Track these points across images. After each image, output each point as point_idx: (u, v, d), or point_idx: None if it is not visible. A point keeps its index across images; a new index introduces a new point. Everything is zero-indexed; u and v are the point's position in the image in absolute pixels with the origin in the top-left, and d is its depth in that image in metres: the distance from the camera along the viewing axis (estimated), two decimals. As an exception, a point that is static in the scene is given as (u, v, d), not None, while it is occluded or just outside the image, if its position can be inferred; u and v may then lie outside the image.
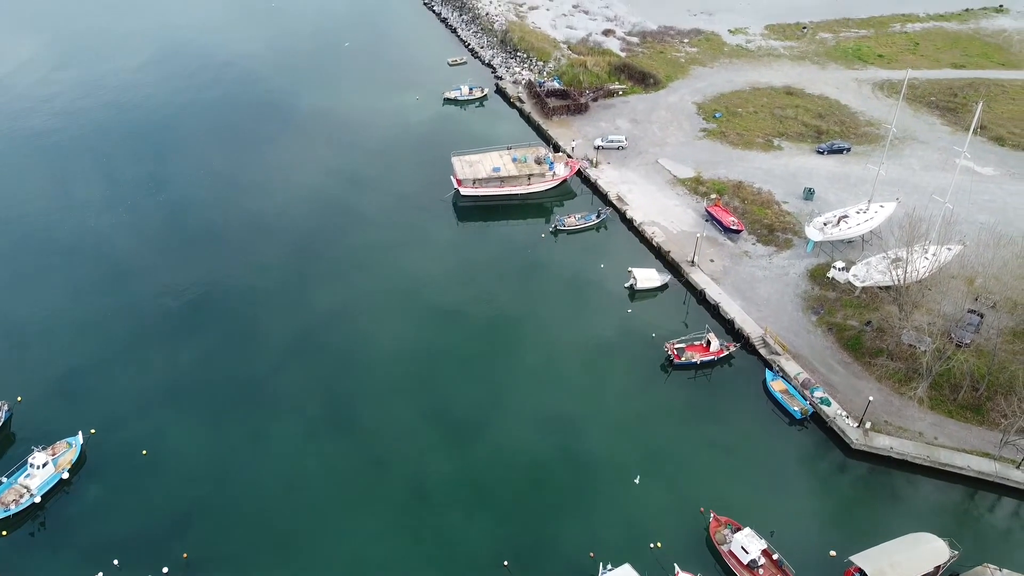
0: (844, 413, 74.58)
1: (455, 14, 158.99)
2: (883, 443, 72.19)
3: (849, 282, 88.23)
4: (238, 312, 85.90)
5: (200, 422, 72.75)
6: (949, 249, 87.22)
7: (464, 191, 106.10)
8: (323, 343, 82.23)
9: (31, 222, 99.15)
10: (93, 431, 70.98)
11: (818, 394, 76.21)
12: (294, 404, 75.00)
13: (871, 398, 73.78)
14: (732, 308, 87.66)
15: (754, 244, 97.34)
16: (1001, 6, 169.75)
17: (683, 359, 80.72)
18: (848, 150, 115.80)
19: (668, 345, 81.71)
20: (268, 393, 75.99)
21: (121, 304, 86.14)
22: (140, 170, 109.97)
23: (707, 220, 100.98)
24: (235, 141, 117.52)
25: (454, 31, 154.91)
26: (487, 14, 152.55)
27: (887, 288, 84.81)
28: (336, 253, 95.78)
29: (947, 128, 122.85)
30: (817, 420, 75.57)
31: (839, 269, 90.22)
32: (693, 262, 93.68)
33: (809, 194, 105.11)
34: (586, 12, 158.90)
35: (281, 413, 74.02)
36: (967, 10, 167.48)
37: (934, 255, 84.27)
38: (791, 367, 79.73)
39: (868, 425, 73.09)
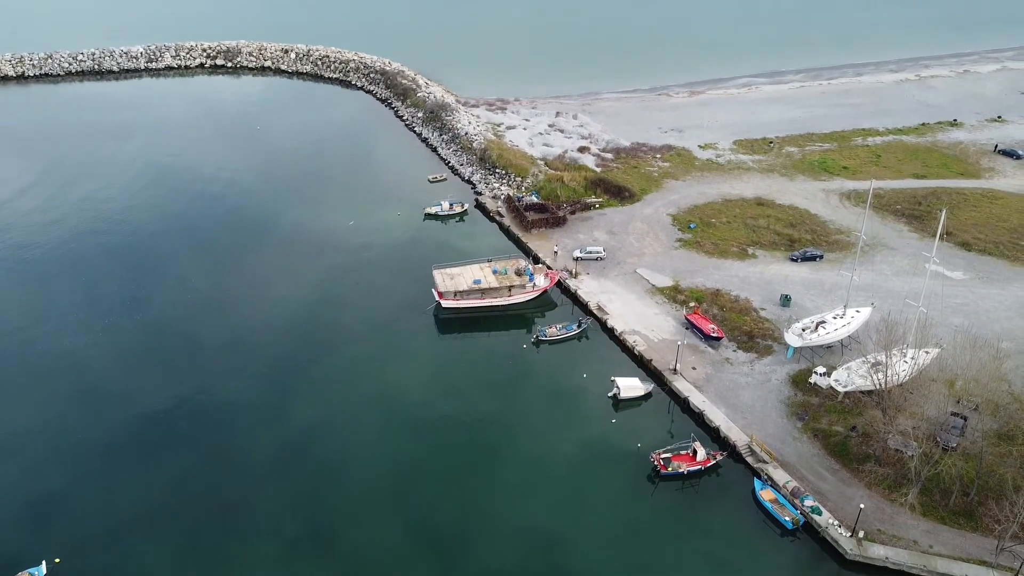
0: (836, 522, 73.02)
1: (435, 134, 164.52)
2: (878, 553, 70.40)
3: (831, 387, 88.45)
4: (215, 432, 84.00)
5: (173, 549, 69.70)
6: (927, 352, 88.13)
7: (445, 303, 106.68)
8: (302, 461, 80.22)
9: (4, 341, 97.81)
10: (58, 560, 67.71)
11: (808, 503, 74.78)
12: (272, 526, 72.32)
13: (862, 506, 72.50)
14: (717, 416, 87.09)
15: (735, 351, 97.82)
16: (955, 120, 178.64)
17: (670, 469, 79.37)
18: (821, 257, 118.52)
19: (654, 455, 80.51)
20: (245, 515, 73.35)
21: (94, 425, 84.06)
22: (119, 289, 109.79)
23: (687, 328, 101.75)
24: (216, 259, 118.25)
25: (435, 150, 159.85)
26: (466, 133, 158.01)
27: (869, 392, 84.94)
28: (316, 369, 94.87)
29: (915, 235, 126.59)
30: (809, 530, 73.84)
31: (820, 374, 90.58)
32: (675, 370, 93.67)
33: (786, 301, 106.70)
34: (561, 131, 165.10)
35: (259, 535, 71.24)
36: (923, 124, 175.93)
37: (913, 359, 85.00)
38: (779, 475, 78.54)
39: (861, 534, 71.47)
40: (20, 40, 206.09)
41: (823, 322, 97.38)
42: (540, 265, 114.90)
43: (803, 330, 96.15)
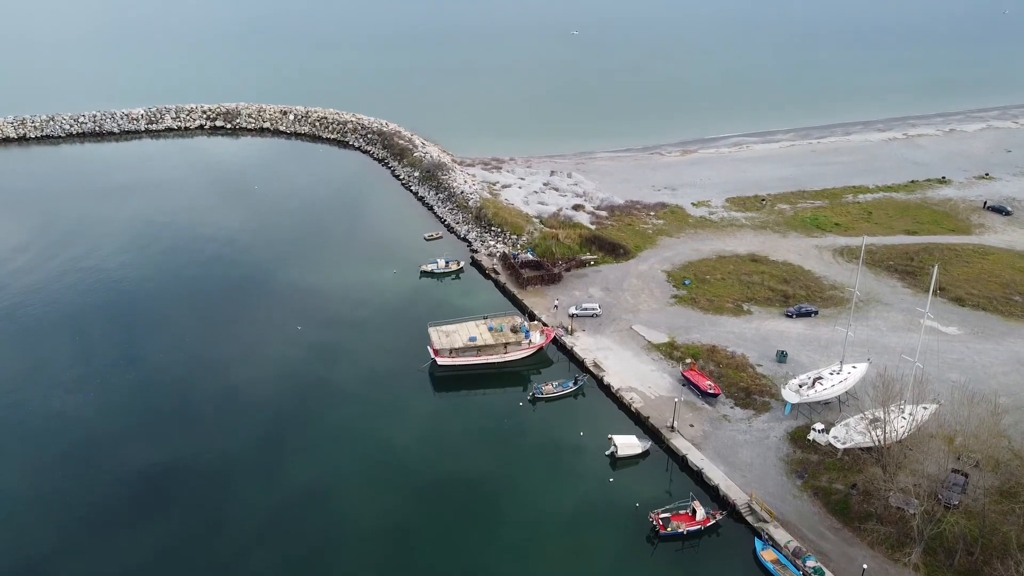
0: (839, 583, 71.59)
1: (431, 193, 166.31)
2: (883, 615, 68.83)
3: (830, 444, 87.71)
4: (208, 494, 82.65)
5: (160, 614, 67.91)
6: (925, 408, 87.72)
7: (441, 361, 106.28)
8: (297, 522, 78.78)
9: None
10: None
11: (811, 563, 73.41)
12: (262, 591, 70.64)
13: (865, 566, 71.21)
14: (715, 474, 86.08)
15: (732, 408, 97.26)
16: (943, 178, 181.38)
17: (669, 530, 78.08)
18: (816, 313, 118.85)
19: (653, 515, 79.29)
20: (235, 579, 71.71)
21: (84, 488, 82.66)
22: (112, 347, 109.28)
23: (684, 384, 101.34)
24: (210, 317, 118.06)
25: (431, 209, 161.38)
26: (462, 192, 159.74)
27: (868, 449, 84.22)
28: (311, 428, 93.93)
29: (908, 290, 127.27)
30: (812, 592, 72.32)
31: (819, 431, 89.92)
32: (673, 427, 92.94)
33: (782, 357, 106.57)
34: (556, 189, 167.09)
35: (247, 601, 69.50)
36: (913, 181, 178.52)
37: (911, 415, 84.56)
38: (780, 535, 77.28)
39: (865, 596, 70.01)
40: (23, 102, 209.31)
41: (820, 378, 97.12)
42: (536, 322, 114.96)
43: (800, 386, 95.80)
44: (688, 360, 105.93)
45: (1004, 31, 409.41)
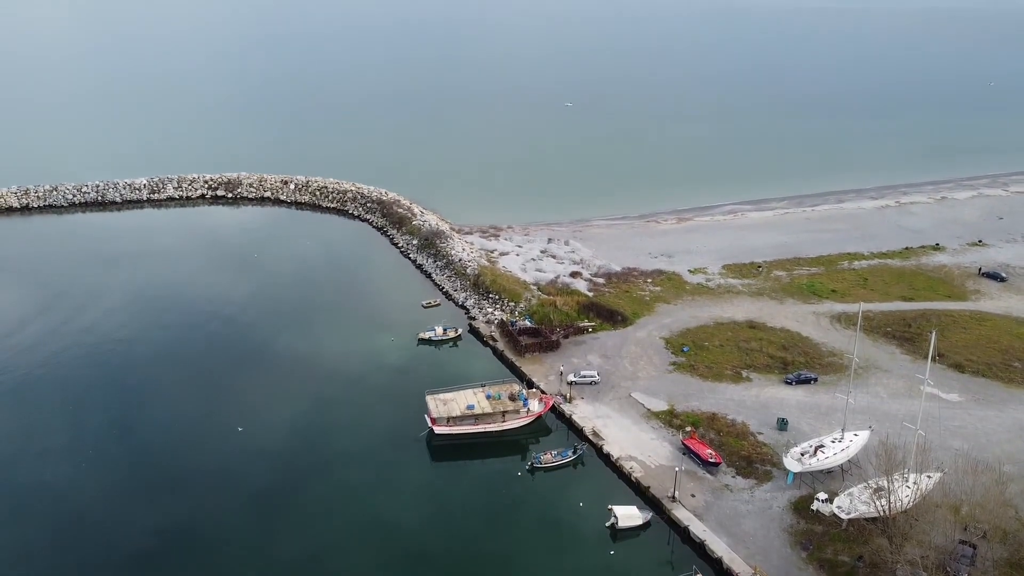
0: (849, 661, 69.35)
1: (430, 260, 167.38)
2: None
3: (834, 514, 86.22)
4: (199, 567, 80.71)
5: None
6: (929, 477, 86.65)
7: (438, 430, 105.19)
8: (287, 598, 76.71)
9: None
10: None
11: (818, 639, 71.25)
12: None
13: (875, 642, 69.08)
14: (718, 546, 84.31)
15: (734, 477, 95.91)
16: (937, 244, 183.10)
17: (672, 604, 76.04)
18: (815, 380, 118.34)
19: (655, 589, 77.33)
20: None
21: (73, 562, 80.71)
22: (105, 417, 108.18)
23: (684, 453, 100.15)
24: (205, 385, 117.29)
25: (429, 276, 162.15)
26: (460, 260, 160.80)
27: (874, 519, 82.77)
28: (305, 499, 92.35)
29: (907, 357, 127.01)
30: (821, 670, 69.99)
31: (822, 501, 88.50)
32: (674, 497, 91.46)
33: (783, 424, 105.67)
34: (553, 256, 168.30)
35: None
36: (907, 248, 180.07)
37: (915, 484, 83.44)
38: (786, 609, 75.22)
39: (876, 674, 67.72)
40: (27, 172, 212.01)
41: (822, 446, 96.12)
42: (534, 390, 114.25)
43: (802, 455, 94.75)
44: (688, 428, 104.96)
45: (991, 102, 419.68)
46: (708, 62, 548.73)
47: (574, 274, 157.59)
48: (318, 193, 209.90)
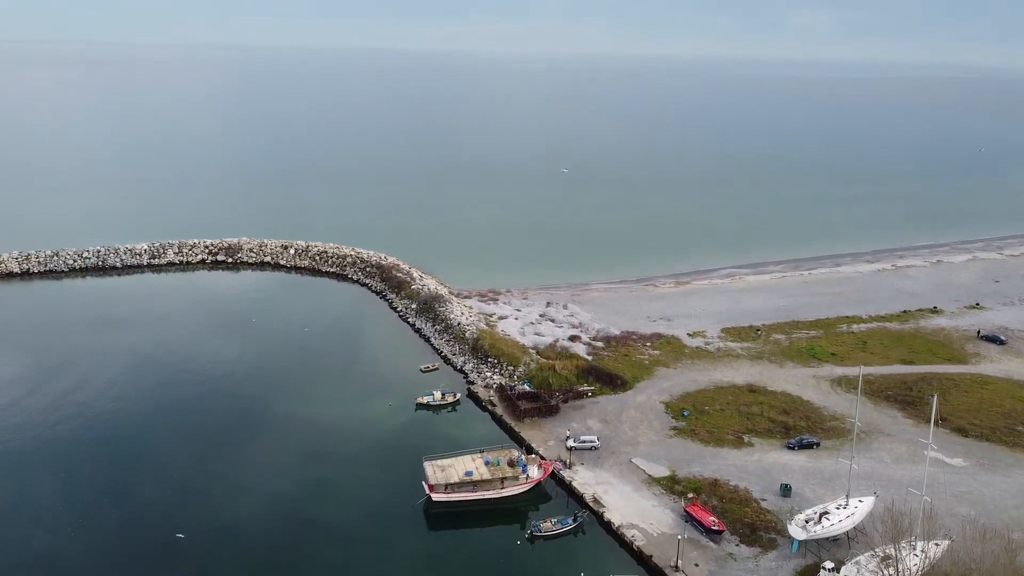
0: None
1: (428, 324, 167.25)
2: None
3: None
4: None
5: None
6: (937, 545, 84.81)
7: (436, 497, 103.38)
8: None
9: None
10: None
11: None
12: None
13: None
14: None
15: (738, 545, 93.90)
16: (935, 307, 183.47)
17: None
18: (818, 445, 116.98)
19: (659, 663, 74.81)
20: None
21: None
22: (97, 485, 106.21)
23: (687, 520, 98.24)
24: (201, 452, 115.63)
25: (427, 340, 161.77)
26: (459, 324, 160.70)
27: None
28: (301, 569, 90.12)
29: (909, 420, 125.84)
30: None
31: (829, 570, 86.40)
32: (677, 567, 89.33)
33: (786, 490, 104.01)
34: (552, 320, 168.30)
35: None
36: (905, 311, 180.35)
37: (923, 551, 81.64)
38: None
39: None
40: (28, 238, 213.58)
41: (826, 513, 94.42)
42: (533, 455, 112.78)
43: (807, 522, 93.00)
44: (690, 495, 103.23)
45: (982, 168, 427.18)
46: (704, 128, 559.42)
47: (573, 338, 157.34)
48: (318, 258, 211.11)
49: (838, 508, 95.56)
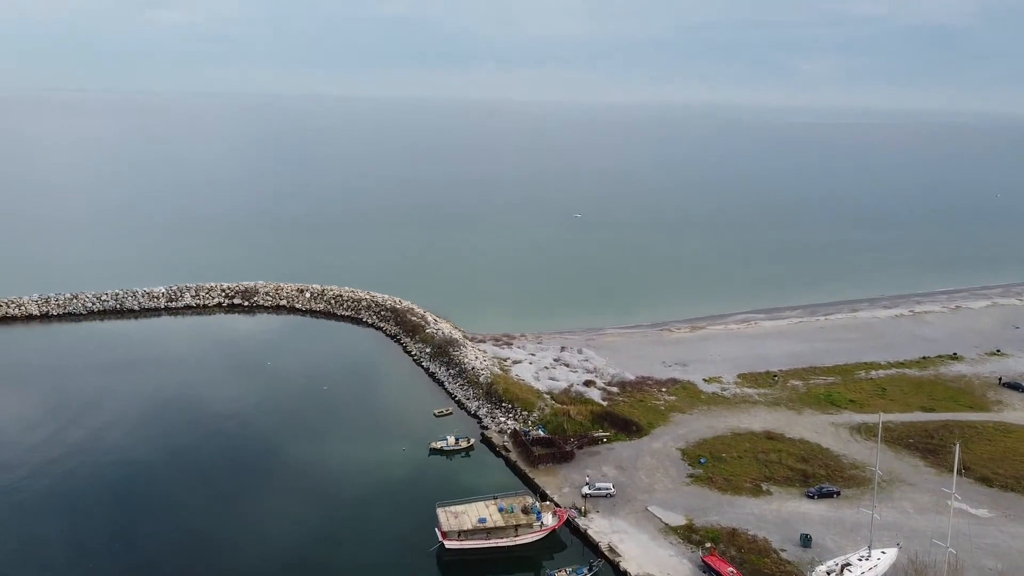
0: None
1: (442, 369, 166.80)
2: None
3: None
4: None
5: None
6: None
7: (449, 544, 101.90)
8: None
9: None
10: None
11: None
12: None
13: None
14: (743, 673, 79.62)
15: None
16: (955, 354, 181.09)
17: None
18: (838, 494, 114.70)
19: None
20: None
21: None
22: (109, 529, 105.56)
23: (704, 571, 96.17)
24: (214, 496, 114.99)
25: (441, 384, 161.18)
26: (473, 368, 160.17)
27: (908, 645, 78.27)
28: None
29: (931, 469, 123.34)
30: None
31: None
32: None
33: (806, 541, 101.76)
34: (567, 365, 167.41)
35: None
36: (924, 358, 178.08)
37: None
38: None
39: None
40: (47, 281, 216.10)
41: (848, 564, 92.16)
42: (548, 503, 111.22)
43: (828, 573, 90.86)
44: (708, 544, 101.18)
45: (998, 214, 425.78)
46: (717, 173, 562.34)
47: (588, 383, 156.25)
48: (333, 301, 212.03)
49: (860, 560, 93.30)
